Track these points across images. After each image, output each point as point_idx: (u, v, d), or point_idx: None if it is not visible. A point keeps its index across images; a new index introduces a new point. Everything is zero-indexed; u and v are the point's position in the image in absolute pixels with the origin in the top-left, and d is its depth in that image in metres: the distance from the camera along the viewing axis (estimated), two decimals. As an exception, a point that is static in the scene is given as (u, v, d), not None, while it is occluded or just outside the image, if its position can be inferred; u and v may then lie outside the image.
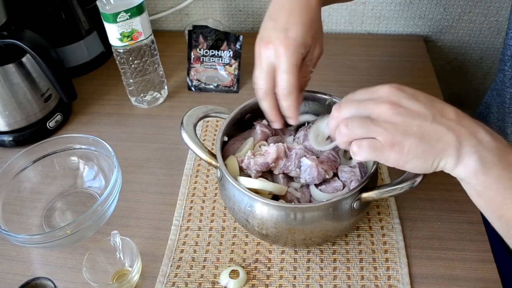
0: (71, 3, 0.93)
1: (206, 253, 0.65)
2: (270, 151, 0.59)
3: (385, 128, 0.45)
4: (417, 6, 1.03)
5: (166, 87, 0.92)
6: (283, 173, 0.60)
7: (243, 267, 0.63)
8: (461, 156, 0.45)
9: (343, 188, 0.58)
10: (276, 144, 0.60)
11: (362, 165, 0.59)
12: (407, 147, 0.45)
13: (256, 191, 0.56)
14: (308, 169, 0.57)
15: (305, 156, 0.59)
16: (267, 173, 0.61)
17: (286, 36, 0.54)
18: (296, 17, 0.55)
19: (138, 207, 0.72)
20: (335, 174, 0.60)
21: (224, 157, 0.61)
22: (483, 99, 0.82)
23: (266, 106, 0.58)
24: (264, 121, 0.64)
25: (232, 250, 0.65)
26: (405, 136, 0.45)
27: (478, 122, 0.46)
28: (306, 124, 0.65)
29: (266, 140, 0.64)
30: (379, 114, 0.46)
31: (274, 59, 0.54)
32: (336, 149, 0.60)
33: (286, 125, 0.60)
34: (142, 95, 0.89)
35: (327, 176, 0.58)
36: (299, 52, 0.54)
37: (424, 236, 0.64)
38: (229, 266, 0.63)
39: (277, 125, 0.59)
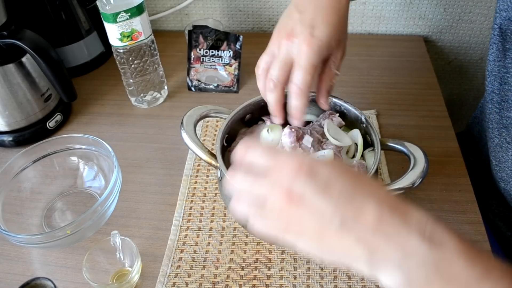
0: (71, 3, 0.93)
1: (206, 253, 0.65)
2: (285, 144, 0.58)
3: (277, 219, 0.37)
4: (417, 6, 1.03)
5: (166, 87, 0.92)
6: None
7: (243, 267, 0.63)
8: (378, 269, 0.34)
9: None
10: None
11: (361, 165, 0.59)
12: (300, 247, 0.37)
13: None
14: None
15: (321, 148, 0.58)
16: None
17: (312, 34, 0.51)
18: (324, 15, 0.53)
19: (138, 207, 0.72)
20: None
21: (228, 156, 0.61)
22: (479, 103, 0.82)
23: (272, 98, 0.56)
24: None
25: (232, 250, 0.65)
26: (298, 237, 0.37)
27: (422, 220, 0.34)
28: (311, 124, 0.64)
29: None
30: (273, 203, 0.36)
31: (295, 54, 0.52)
32: (338, 148, 0.60)
33: (286, 122, 0.60)
34: (142, 95, 0.89)
35: None
36: (322, 54, 0.53)
37: (424, 236, 0.64)
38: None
39: (278, 120, 0.59)
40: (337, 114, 0.64)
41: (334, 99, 0.63)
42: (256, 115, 0.67)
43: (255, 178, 0.38)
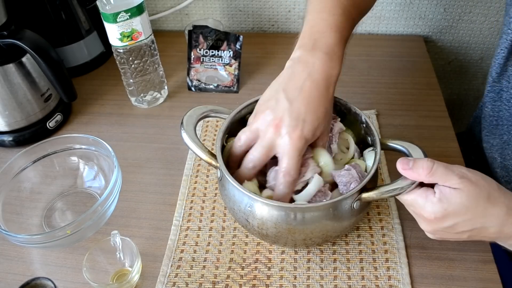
0: (71, 3, 0.93)
1: (206, 253, 0.65)
2: None
3: None
4: (417, 6, 1.03)
5: (166, 87, 0.92)
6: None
7: (243, 267, 0.63)
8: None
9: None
10: None
11: (357, 166, 0.59)
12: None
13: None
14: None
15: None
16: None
17: (302, 128, 0.54)
18: (314, 109, 0.54)
19: (138, 207, 0.72)
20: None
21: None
22: (479, 102, 0.83)
23: (247, 176, 0.57)
24: None
25: (232, 250, 0.65)
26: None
27: None
28: None
29: None
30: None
31: (281, 145, 0.54)
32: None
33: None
34: (142, 95, 0.89)
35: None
36: (307, 144, 0.55)
37: (424, 236, 0.64)
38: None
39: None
40: (339, 119, 0.64)
41: (335, 99, 0.63)
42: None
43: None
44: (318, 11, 0.60)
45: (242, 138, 0.57)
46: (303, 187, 0.60)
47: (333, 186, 0.60)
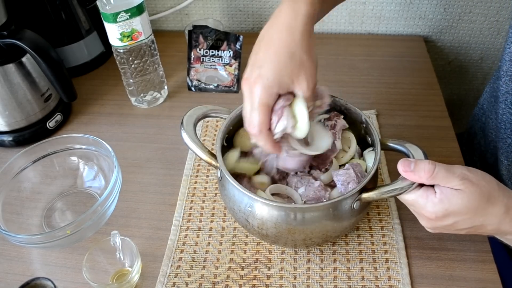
0: (71, 3, 0.93)
1: (206, 253, 0.65)
2: None
3: None
4: (417, 6, 1.03)
5: (166, 87, 0.92)
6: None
7: (243, 267, 0.63)
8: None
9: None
10: None
11: (357, 166, 0.59)
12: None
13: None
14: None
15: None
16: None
17: (260, 74, 0.52)
18: (272, 53, 0.53)
19: (138, 207, 0.72)
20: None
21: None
22: (478, 101, 0.83)
23: (262, 140, 0.54)
24: None
25: (232, 250, 0.65)
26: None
27: None
28: None
29: None
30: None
31: (248, 95, 0.53)
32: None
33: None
34: (142, 95, 0.89)
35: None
36: (272, 91, 0.52)
37: (424, 236, 0.64)
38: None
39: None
40: (342, 117, 0.64)
41: (335, 99, 0.63)
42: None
43: None
44: None
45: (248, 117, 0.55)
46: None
47: (333, 186, 0.60)
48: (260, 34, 0.56)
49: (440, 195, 0.50)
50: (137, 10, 0.78)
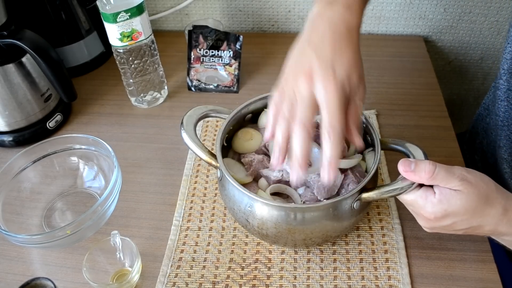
0: (71, 3, 0.93)
1: (206, 253, 0.65)
2: None
3: None
4: (417, 6, 1.03)
5: (166, 87, 0.92)
6: None
7: (243, 267, 0.63)
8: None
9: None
10: None
11: (355, 167, 0.59)
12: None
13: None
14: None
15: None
16: None
17: (334, 74, 0.48)
18: (341, 53, 0.50)
19: (138, 207, 0.72)
20: None
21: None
22: (482, 100, 0.83)
23: (301, 143, 0.48)
24: None
25: (232, 250, 0.65)
26: None
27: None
28: None
29: None
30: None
31: (321, 94, 0.48)
32: None
33: None
34: (142, 95, 0.89)
35: None
36: (346, 93, 0.49)
37: (424, 236, 0.64)
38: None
39: (279, 166, 0.52)
40: None
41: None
42: (256, 115, 0.67)
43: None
44: None
45: (285, 110, 0.50)
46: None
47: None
48: (311, 33, 0.52)
49: (439, 195, 0.50)
50: (137, 10, 0.78)
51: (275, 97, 0.52)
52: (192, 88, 0.94)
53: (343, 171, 0.59)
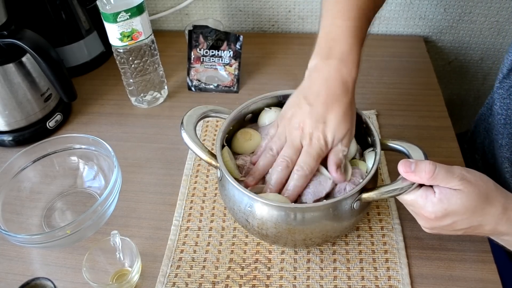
0: (71, 3, 0.93)
1: (206, 253, 0.65)
2: None
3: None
4: (417, 7, 1.03)
5: (166, 87, 0.92)
6: None
7: (243, 267, 0.63)
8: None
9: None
10: None
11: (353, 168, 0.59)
12: None
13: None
14: None
15: None
16: None
17: (324, 131, 0.56)
18: (332, 111, 0.57)
19: (138, 207, 0.72)
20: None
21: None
22: (485, 99, 0.83)
23: (280, 176, 0.57)
24: None
25: (232, 250, 0.65)
26: None
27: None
28: None
29: None
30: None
31: (305, 144, 0.57)
32: None
33: None
34: (142, 95, 0.89)
35: None
36: (329, 147, 0.57)
37: (424, 236, 0.64)
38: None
39: (251, 187, 0.59)
40: None
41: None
42: (256, 115, 0.67)
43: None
44: (333, 16, 0.62)
45: (273, 146, 0.59)
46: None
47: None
48: (308, 89, 0.59)
49: (440, 195, 0.50)
50: (137, 10, 0.78)
51: (272, 130, 0.61)
52: (192, 88, 0.94)
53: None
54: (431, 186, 0.51)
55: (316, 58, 0.60)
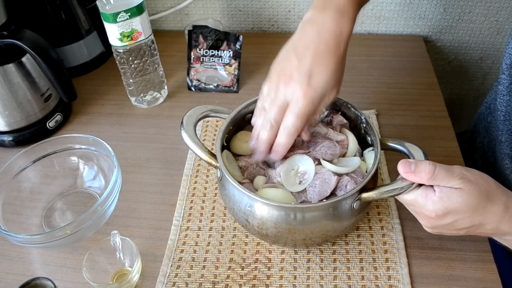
0: (71, 3, 0.93)
1: (206, 253, 0.65)
2: None
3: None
4: (417, 6, 1.03)
5: (166, 87, 0.92)
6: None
7: (243, 267, 0.63)
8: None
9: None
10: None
11: (359, 173, 0.60)
12: None
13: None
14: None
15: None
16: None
17: (309, 83, 0.54)
18: (321, 63, 0.55)
19: (138, 207, 0.72)
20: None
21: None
22: (484, 99, 0.83)
23: (266, 136, 0.57)
24: None
25: (232, 250, 0.65)
26: None
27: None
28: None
29: None
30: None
31: (290, 99, 0.55)
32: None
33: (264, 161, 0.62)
34: (142, 95, 0.89)
35: None
36: (315, 101, 0.55)
37: (424, 236, 0.64)
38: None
39: (261, 157, 0.59)
40: (339, 113, 0.64)
41: (335, 99, 0.63)
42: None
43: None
44: None
45: (266, 106, 0.58)
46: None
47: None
48: (299, 41, 0.57)
49: (440, 193, 0.50)
50: (137, 10, 0.78)
51: (264, 90, 0.58)
52: (192, 88, 0.94)
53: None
54: (431, 185, 0.51)
55: (312, 10, 0.58)
